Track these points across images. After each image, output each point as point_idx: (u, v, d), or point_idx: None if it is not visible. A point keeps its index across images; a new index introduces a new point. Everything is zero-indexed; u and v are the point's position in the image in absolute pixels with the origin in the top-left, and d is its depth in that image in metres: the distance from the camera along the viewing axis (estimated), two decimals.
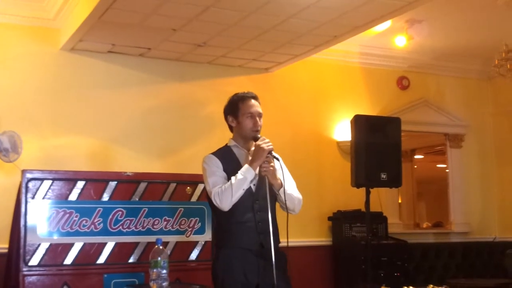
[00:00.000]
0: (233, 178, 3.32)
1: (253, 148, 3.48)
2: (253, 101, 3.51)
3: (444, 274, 6.92)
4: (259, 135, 3.43)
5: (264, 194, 3.36)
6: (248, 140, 3.51)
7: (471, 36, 6.70)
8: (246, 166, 3.35)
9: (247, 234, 3.38)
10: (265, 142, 3.35)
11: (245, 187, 3.32)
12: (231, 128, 3.58)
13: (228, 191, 3.29)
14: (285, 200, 3.39)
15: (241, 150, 3.53)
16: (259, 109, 3.50)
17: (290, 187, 3.52)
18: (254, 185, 3.42)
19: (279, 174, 3.43)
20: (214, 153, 3.51)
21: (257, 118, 3.47)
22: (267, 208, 3.33)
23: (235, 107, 3.52)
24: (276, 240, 3.38)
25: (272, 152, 3.37)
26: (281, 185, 3.41)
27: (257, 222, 3.40)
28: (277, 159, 3.40)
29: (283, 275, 3.37)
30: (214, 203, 3.34)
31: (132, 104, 5.99)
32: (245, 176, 3.31)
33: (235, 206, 3.34)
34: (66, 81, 5.77)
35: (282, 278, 3.29)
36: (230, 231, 3.41)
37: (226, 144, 3.59)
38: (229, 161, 3.46)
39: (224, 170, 3.42)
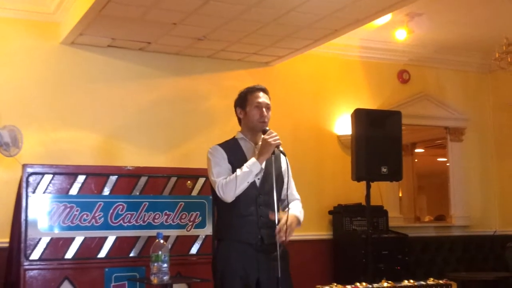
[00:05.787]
0: (238, 170, 3.32)
1: (260, 142, 3.50)
2: (261, 93, 3.54)
3: (444, 267, 6.92)
4: (267, 128, 3.43)
5: (268, 189, 3.37)
6: (256, 133, 3.51)
7: (471, 29, 6.68)
8: (252, 159, 3.35)
9: (248, 228, 3.39)
10: (272, 137, 3.35)
11: (250, 180, 3.33)
12: (239, 120, 3.59)
13: (232, 183, 3.30)
14: (287, 194, 3.46)
15: (248, 143, 3.53)
16: (267, 101, 3.52)
17: (291, 187, 3.58)
18: (258, 179, 3.42)
19: (284, 170, 3.45)
20: (220, 144, 3.52)
21: (264, 109, 3.48)
22: (270, 202, 3.33)
23: (244, 99, 3.54)
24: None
25: (280, 147, 3.37)
26: None
27: (259, 216, 3.40)
28: (284, 154, 3.41)
29: (285, 270, 3.36)
30: (218, 193, 3.34)
31: (132, 98, 5.98)
32: (251, 169, 3.31)
33: (238, 199, 3.35)
34: (66, 75, 5.76)
35: (283, 273, 3.28)
36: (231, 224, 3.41)
37: (234, 137, 3.59)
38: (235, 153, 3.46)
39: (230, 162, 3.42)
